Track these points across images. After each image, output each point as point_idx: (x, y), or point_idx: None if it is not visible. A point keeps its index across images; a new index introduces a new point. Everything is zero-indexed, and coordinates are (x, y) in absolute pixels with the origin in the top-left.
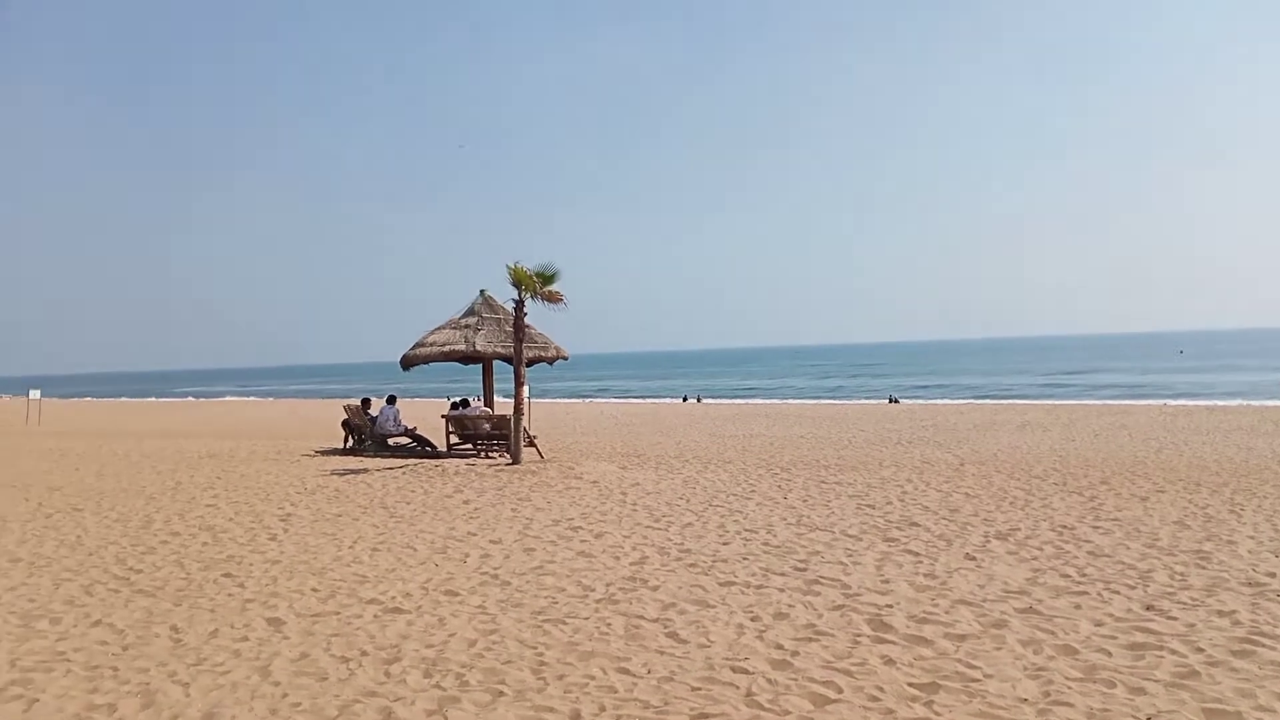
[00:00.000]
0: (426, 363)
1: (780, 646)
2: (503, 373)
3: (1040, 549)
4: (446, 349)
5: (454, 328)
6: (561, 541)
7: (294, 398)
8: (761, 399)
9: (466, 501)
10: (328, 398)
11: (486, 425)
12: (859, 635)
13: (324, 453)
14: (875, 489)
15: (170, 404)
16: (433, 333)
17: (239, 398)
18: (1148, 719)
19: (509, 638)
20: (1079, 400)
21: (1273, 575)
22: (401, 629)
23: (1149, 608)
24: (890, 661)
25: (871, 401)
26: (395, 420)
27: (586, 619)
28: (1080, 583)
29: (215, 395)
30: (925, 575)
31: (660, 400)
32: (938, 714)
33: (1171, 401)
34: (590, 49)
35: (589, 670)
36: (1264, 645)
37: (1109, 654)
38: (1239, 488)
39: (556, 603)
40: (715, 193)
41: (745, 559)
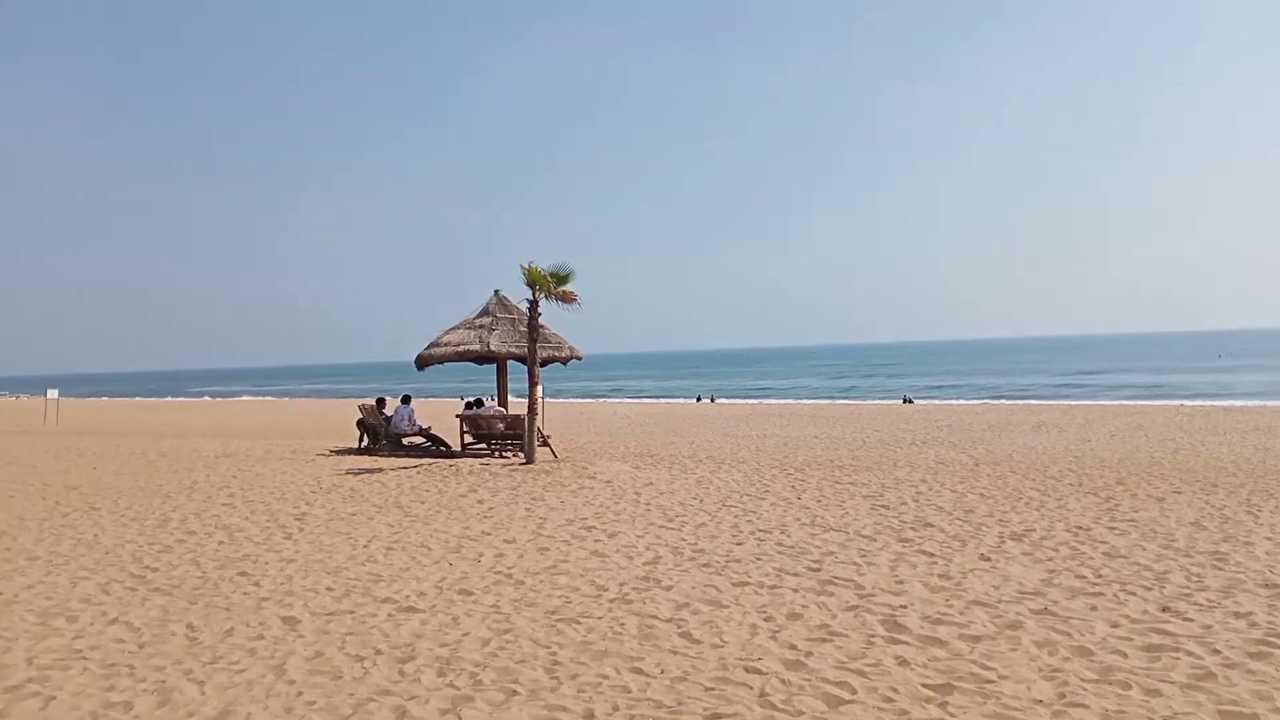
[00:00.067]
0: (441, 362)
1: (794, 647)
2: (517, 372)
3: (1056, 550)
4: (461, 349)
5: (468, 328)
6: (575, 541)
7: (309, 397)
8: (775, 399)
9: (481, 501)
10: (342, 397)
11: (501, 425)
12: (873, 636)
13: (339, 452)
14: (890, 489)
15: (186, 404)
16: (447, 333)
17: (255, 397)
18: None
19: (523, 637)
20: (1095, 401)
21: None
22: (416, 628)
23: (1165, 609)
24: (904, 662)
25: (885, 402)
26: (410, 420)
27: (600, 619)
28: (1096, 584)
29: (232, 395)
30: (940, 576)
31: (674, 400)
32: (952, 715)
33: (1188, 402)
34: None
35: (602, 670)
36: None
37: (1125, 655)
38: (1256, 489)
39: (570, 602)
40: (721, 201)
41: (759, 559)
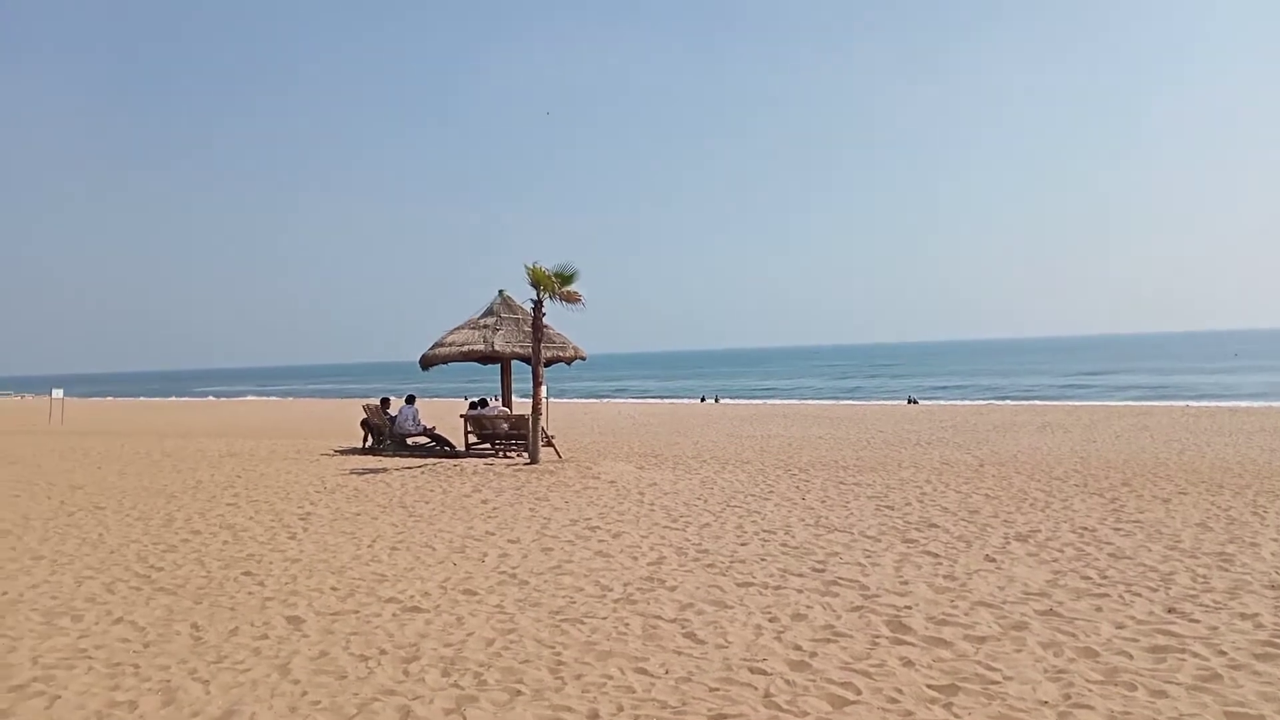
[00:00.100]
0: (445, 363)
1: (798, 647)
2: (521, 373)
3: (1061, 551)
4: (465, 349)
5: (473, 328)
6: (579, 541)
7: (313, 397)
8: (779, 399)
9: (485, 501)
10: (346, 397)
11: (505, 425)
12: (878, 637)
13: (343, 452)
14: (894, 490)
15: (190, 404)
16: (452, 333)
17: (259, 397)
18: None
19: (527, 637)
20: (1100, 401)
21: None
22: (420, 628)
23: (1171, 610)
24: (909, 663)
25: (890, 402)
26: (414, 420)
27: (604, 619)
28: (1101, 585)
29: (236, 395)
30: (945, 577)
31: (678, 400)
32: (957, 716)
33: (1194, 403)
34: (586, 50)
35: (607, 670)
36: None
37: (1130, 657)
38: (1262, 489)
39: (574, 602)
40: (721, 201)
41: (763, 560)
